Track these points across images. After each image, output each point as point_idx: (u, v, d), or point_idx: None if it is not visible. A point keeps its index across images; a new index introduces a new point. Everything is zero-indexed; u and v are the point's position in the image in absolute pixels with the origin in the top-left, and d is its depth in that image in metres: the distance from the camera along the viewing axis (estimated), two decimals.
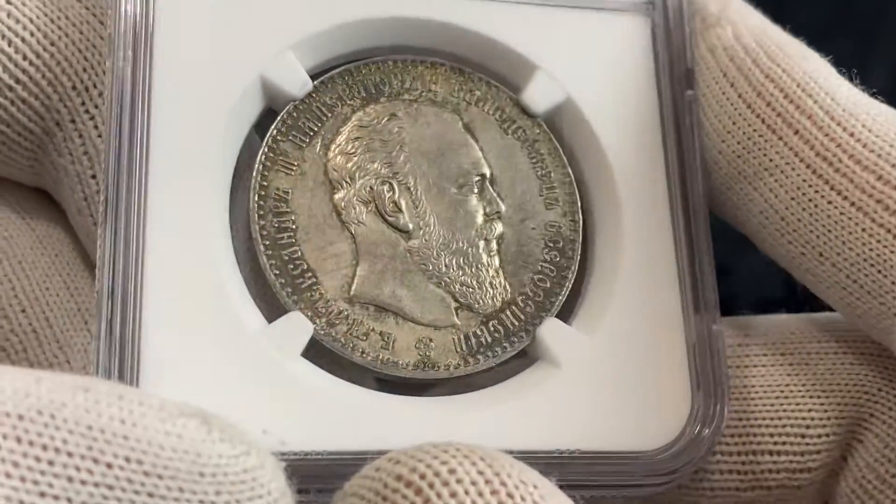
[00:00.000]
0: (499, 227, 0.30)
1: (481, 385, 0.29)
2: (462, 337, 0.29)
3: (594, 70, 0.31)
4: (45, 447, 0.21)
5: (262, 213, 0.28)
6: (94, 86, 0.28)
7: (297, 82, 0.29)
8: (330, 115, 0.30)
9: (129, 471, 0.22)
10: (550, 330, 0.29)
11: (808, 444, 0.30)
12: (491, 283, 0.29)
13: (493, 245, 0.30)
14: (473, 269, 0.29)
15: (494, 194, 0.30)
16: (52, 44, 0.28)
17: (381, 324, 0.28)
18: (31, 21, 0.28)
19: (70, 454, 0.21)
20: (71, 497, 0.21)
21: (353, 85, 0.30)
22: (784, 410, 0.30)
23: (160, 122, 0.27)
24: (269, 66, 0.29)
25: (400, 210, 0.29)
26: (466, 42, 0.31)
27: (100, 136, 0.28)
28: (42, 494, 0.21)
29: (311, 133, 0.30)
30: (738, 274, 0.31)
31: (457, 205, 0.30)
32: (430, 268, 0.29)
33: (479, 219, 0.30)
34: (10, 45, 0.27)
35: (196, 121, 0.28)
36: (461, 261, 0.29)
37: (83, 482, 0.21)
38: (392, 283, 0.29)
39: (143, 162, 0.27)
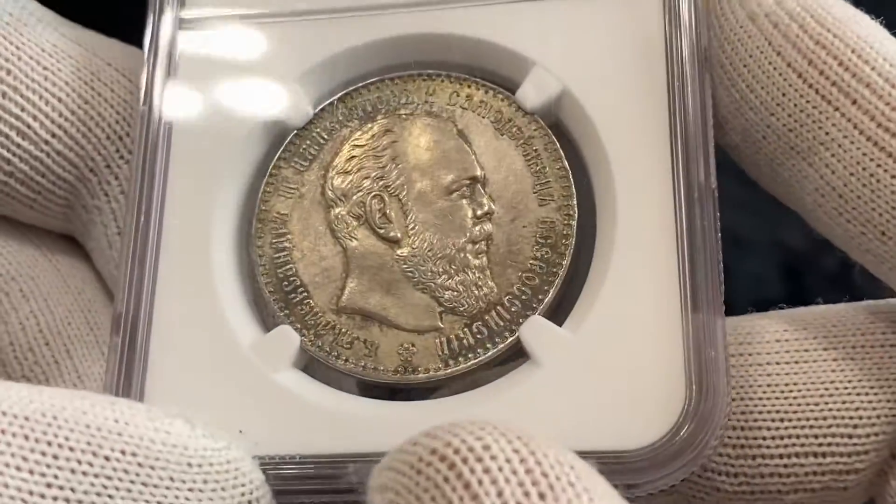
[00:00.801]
0: (488, 228, 0.30)
1: (471, 387, 0.29)
2: (444, 340, 0.30)
3: (596, 58, 0.31)
4: (49, 443, 0.24)
5: (261, 235, 0.31)
6: (127, 134, 0.32)
7: (300, 113, 0.32)
8: (329, 138, 0.32)
9: (125, 462, 0.25)
10: (532, 328, 0.29)
11: (855, 444, 0.28)
12: (476, 285, 0.30)
13: (482, 246, 0.30)
14: (459, 273, 0.30)
15: (485, 196, 0.31)
16: (86, 102, 0.32)
17: (365, 332, 0.30)
18: (67, 83, 0.32)
19: (72, 449, 0.24)
20: (74, 487, 0.24)
21: (353, 107, 0.32)
22: (829, 409, 0.28)
23: (178, 155, 0.31)
24: (276, 100, 0.32)
25: (389, 221, 0.31)
26: (463, 49, 0.32)
27: None
28: (49, 485, 0.24)
29: (311, 157, 0.32)
30: (737, 274, 0.29)
31: (446, 210, 0.31)
32: (417, 275, 0.30)
33: (469, 222, 0.30)
34: (46, 104, 0.32)
35: (208, 155, 0.32)
36: (447, 265, 0.30)
37: (84, 473, 0.24)
38: (379, 293, 0.30)
39: (161, 199, 0.31)
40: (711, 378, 0.27)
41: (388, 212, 0.31)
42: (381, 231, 0.31)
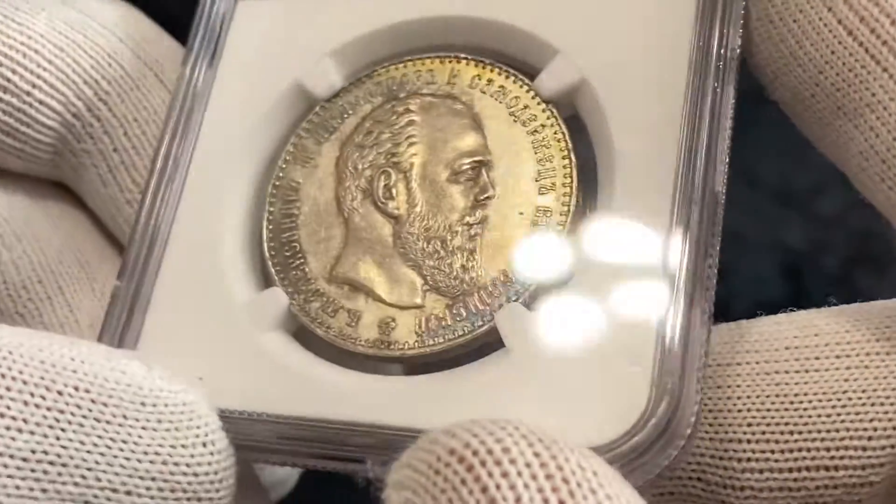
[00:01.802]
0: (485, 212, 0.30)
1: (449, 367, 0.29)
2: (423, 319, 0.30)
3: (621, 51, 0.30)
4: (3, 376, 0.25)
5: (273, 200, 0.32)
6: (103, 77, 0.34)
7: (328, 86, 0.33)
8: (352, 112, 0.33)
9: (78, 398, 0.26)
10: (507, 314, 0.29)
11: (869, 457, 0.26)
12: (464, 267, 0.30)
13: (475, 230, 0.30)
14: (449, 255, 0.30)
15: (488, 180, 0.31)
16: (62, 50, 0.33)
17: (351, 302, 0.31)
18: (42, 35, 0.34)
19: (25, 382, 0.25)
20: (26, 418, 0.25)
21: (378, 83, 0.33)
22: (842, 421, 0.26)
23: (211, 115, 0.33)
24: (306, 72, 0.33)
25: (393, 198, 0.31)
26: (489, 33, 0.32)
27: (114, 116, 0.34)
28: (1, 415, 0.25)
29: (333, 130, 0.33)
30: (737, 274, 0.28)
31: (446, 190, 0.31)
32: (408, 251, 0.30)
33: (467, 204, 0.30)
34: (24, 57, 0.33)
35: (237, 120, 0.33)
36: (438, 245, 0.30)
37: (37, 406, 0.26)
38: (369, 265, 0.31)
39: (189, 154, 0.33)
40: (678, 380, 0.26)
41: (392, 188, 0.31)
42: (383, 206, 0.31)
